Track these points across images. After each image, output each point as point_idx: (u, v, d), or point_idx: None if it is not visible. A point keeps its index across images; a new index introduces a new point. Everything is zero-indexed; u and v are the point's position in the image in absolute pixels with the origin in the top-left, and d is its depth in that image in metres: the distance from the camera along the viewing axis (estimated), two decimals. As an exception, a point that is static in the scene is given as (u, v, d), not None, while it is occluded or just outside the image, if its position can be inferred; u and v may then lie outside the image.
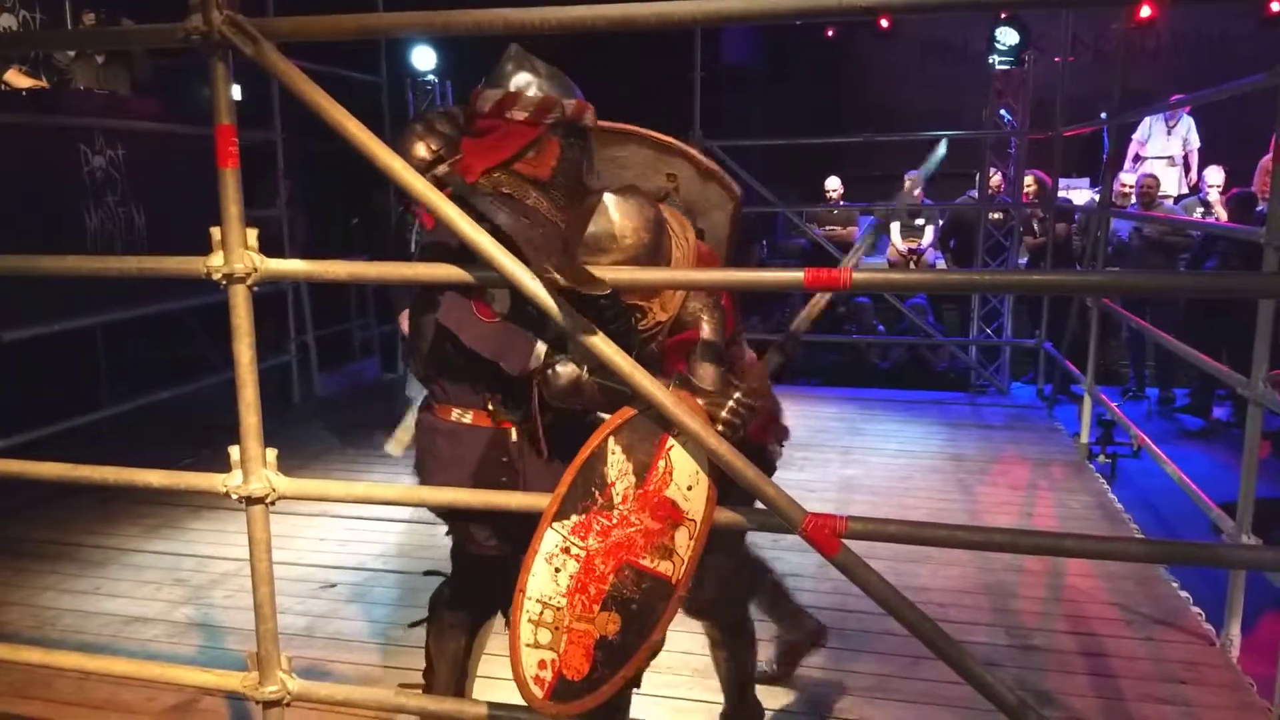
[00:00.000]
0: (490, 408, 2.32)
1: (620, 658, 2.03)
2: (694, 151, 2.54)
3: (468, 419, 2.34)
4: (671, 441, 2.04)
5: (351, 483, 3.47)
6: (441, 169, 2.33)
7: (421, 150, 2.40)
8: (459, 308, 2.23)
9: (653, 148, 2.53)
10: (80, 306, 5.09)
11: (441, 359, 2.34)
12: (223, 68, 2.02)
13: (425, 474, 2.43)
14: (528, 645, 2.04)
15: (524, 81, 2.28)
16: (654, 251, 2.15)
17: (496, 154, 2.28)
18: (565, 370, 2.15)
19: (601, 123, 2.45)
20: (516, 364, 2.20)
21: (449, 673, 2.65)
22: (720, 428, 2.06)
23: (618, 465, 2.06)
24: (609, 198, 2.12)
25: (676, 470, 2.04)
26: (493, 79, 2.31)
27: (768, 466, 2.50)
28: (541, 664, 2.04)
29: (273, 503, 2.26)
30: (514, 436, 2.33)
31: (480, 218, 2.10)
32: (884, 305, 8.43)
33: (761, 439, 2.50)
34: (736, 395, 2.10)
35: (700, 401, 2.07)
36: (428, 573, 2.82)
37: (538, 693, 2.03)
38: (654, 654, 2.06)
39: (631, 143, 2.54)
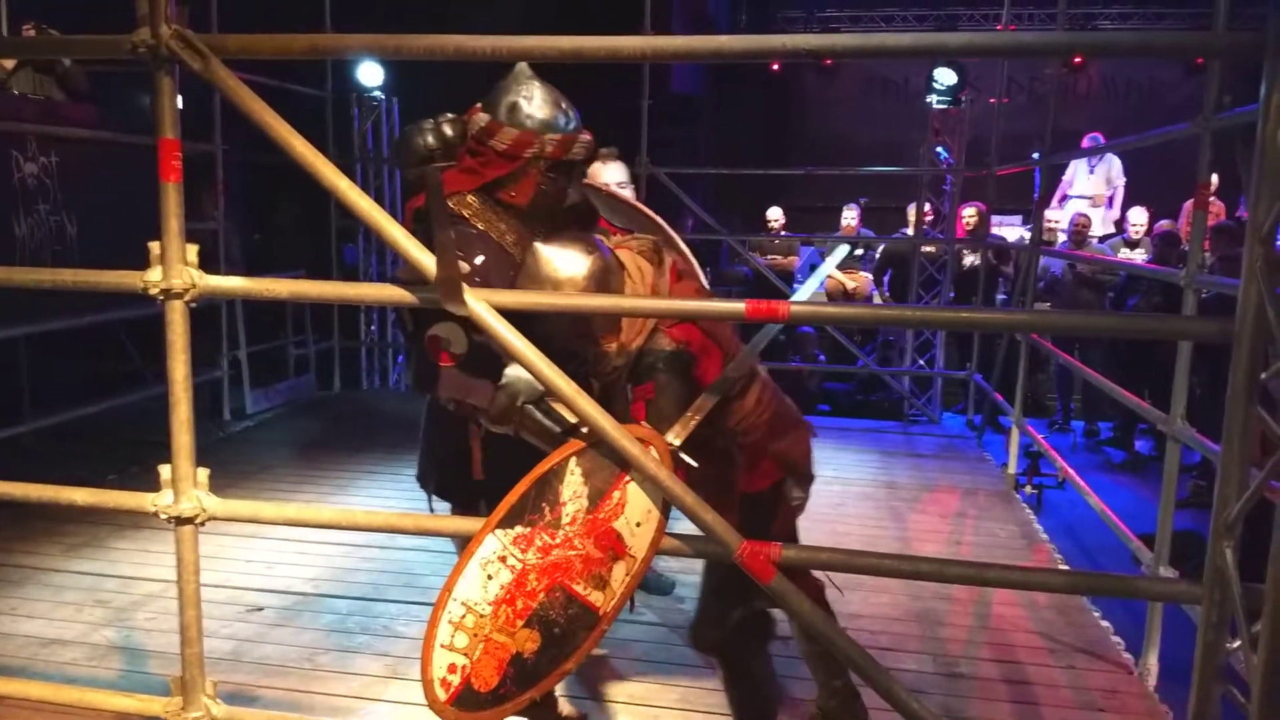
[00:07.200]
0: None
1: (531, 678, 2.03)
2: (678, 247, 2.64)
3: None
4: (630, 475, 2.05)
5: (283, 504, 3.40)
6: (429, 167, 2.35)
7: (421, 144, 2.43)
8: (424, 362, 2.27)
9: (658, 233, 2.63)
10: (3, 316, 4.94)
11: None
12: (169, 82, 2.01)
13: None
14: (442, 645, 2.03)
15: (514, 106, 2.31)
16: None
17: (474, 179, 2.32)
18: (498, 398, 2.17)
19: (642, 205, 2.68)
20: (482, 401, 2.24)
21: None
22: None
23: (573, 486, 2.06)
24: (539, 246, 2.15)
25: (630, 505, 2.04)
26: (489, 100, 2.34)
27: (785, 513, 2.53)
28: (451, 667, 2.03)
29: (203, 524, 2.22)
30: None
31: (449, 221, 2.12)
32: (827, 334, 8.54)
33: (761, 485, 2.50)
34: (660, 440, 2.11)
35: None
36: None
37: (441, 695, 2.02)
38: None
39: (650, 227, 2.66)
